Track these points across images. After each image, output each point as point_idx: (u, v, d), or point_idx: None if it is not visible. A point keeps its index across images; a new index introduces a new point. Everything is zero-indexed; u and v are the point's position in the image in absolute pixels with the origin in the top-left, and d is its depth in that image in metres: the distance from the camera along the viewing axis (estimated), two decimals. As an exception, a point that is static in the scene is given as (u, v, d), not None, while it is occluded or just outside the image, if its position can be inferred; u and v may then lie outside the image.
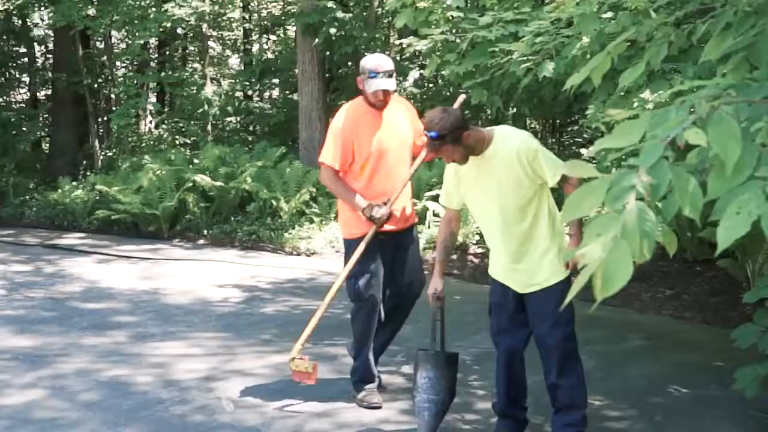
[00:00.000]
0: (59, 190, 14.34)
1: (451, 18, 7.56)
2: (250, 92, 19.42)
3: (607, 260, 1.55)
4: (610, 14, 4.59)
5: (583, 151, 12.85)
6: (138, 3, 15.70)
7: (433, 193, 10.24)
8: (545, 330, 4.26)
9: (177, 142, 17.23)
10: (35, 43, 19.52)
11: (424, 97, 16.05)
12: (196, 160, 13.71)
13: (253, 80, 18.56)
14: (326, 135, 5.28)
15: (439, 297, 4.53)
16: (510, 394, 4.51)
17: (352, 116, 5.14)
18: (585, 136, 14.55)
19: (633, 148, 1.70)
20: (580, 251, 1.59)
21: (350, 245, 5.19)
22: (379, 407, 5.08)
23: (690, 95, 1.82)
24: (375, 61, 5.12)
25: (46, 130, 18.59)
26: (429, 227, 10.78)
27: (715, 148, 1.59)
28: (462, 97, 5.58)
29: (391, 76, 4.99)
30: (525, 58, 5.95)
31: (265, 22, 20.79)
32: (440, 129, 4.10)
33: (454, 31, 7.67)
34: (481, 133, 4.25)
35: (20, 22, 18.56)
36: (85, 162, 16.81)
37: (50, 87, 18.49)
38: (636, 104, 4.81)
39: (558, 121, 15.41)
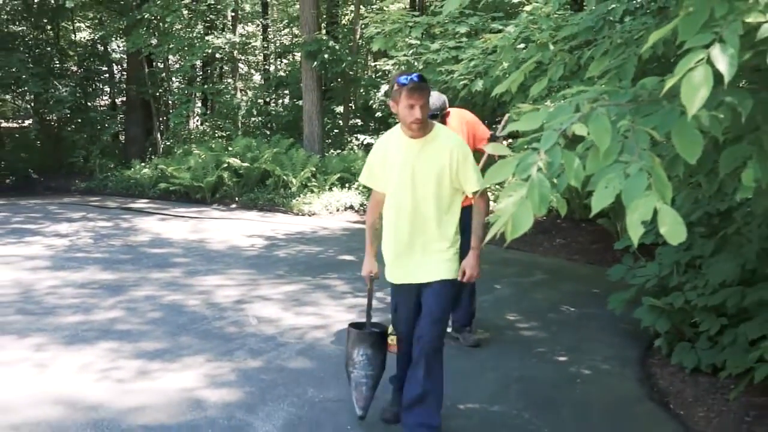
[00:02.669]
0: (132, 169, 14.18)
1: (410, 44, 7.53)
2: (268, 99, 19.22)
3: (515, 213, 1.56)
4: (522, 45, 4.59)
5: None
6: (187, 35, 15.48)
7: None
8: (424, 325, 3.31)
9: (216, 135, 17.03)
10: (113, 63, 19.16)
11: (392, 103, 15.98)
12: (230, 148, 13.59)
13: (270, 91, 18.48)
14: (324, 131, 5.14)
15: (374, 277, 3.51)
16: (406, 371, 3.50)
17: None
18: (506, 132, 14.57)
19: (536, 135, 1.71)
20: (499, 206, 1.61)
21: None
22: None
23: (575, 96, 1.84)
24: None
25: (122, 126, 18.31)
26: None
27: (593, 137, 1.61)
28: (506, 116, 4.77)
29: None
30: (462, 76, 5.95)
31: (279, 50, 20.56)
32: (421, 76, 3.21)
33: (413, 54, 7.65)
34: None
35: (102, 48, 18.30)
36: (150, 149, 16.54)
37: (125, 95, 18.20)
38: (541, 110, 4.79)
39: (486, 121, 15.42)
